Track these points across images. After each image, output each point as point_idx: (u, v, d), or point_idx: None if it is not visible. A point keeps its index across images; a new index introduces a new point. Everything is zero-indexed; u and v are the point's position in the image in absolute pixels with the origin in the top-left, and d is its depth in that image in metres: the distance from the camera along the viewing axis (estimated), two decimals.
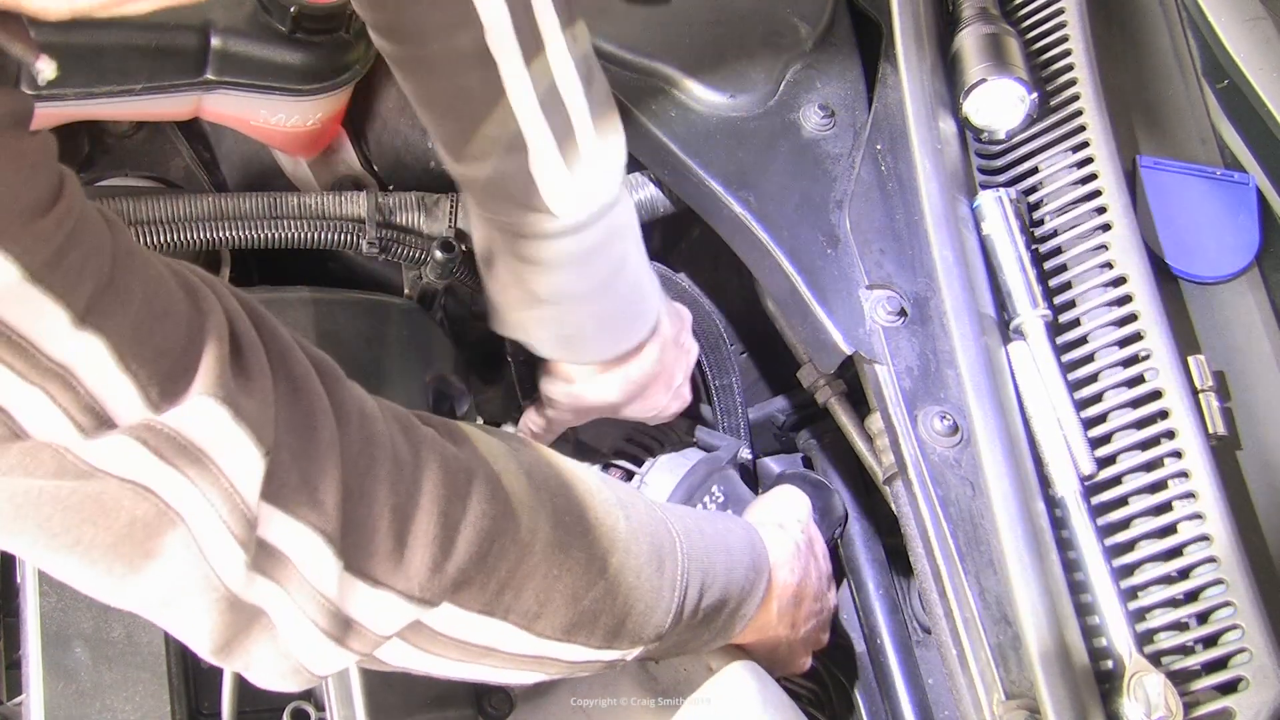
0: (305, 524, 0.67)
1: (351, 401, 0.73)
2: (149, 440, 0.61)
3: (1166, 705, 0.83)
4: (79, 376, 0.59)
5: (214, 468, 0.63)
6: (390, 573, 0.71)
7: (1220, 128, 1.22)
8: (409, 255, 1.13)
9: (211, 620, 0.67)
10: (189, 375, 0.63)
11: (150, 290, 0.62)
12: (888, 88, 1.14)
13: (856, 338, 1.00)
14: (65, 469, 0.59)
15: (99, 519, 0.61)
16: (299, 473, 0.67)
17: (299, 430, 0.68)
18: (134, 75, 1.13)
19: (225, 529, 0.64)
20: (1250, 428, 1.04)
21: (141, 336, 0.61)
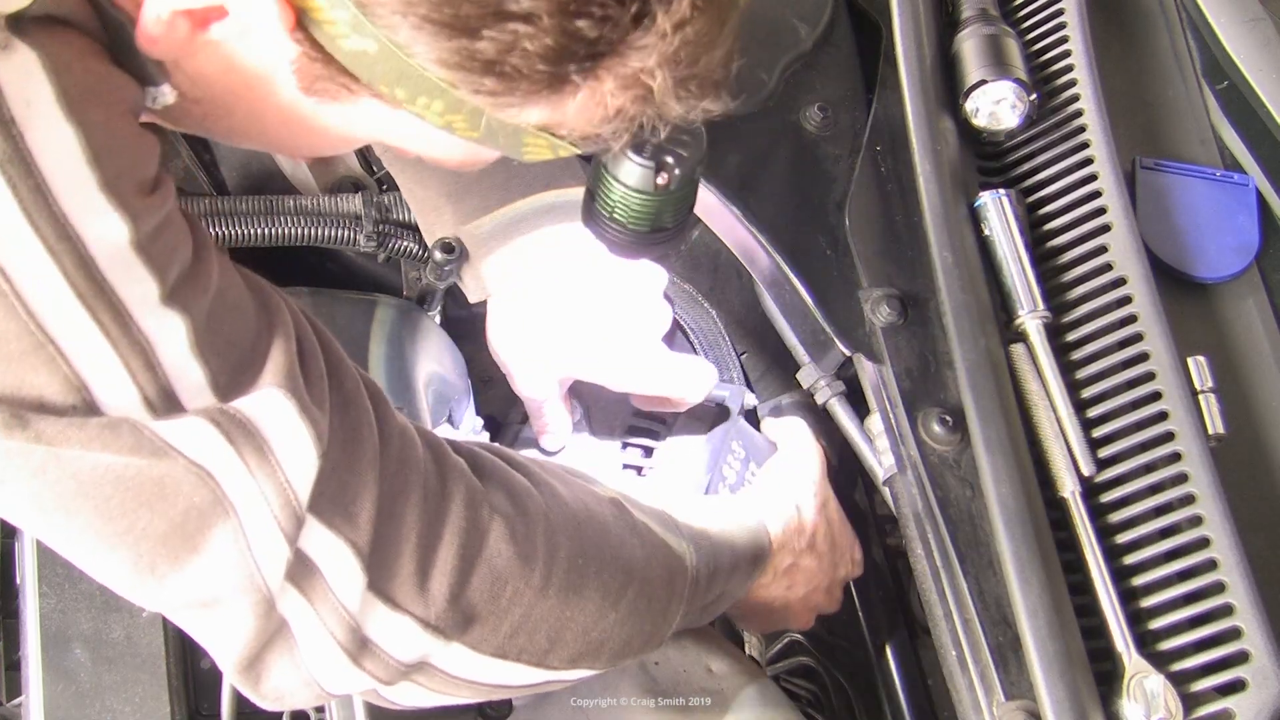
0: (339, 536, 0.68)
1: (394, 423, 0.74)
2: (220, 422, 0.62)
3: (1166, 706, 0.83)
4: (158, 353, 0.60)
5: (273, 459, 0.64)
6: (410, 598, 0.71)
7: (1220, 128, 1.22)
8: (407, 251, 1.13)
9: (247, 626, 0.67)
10: (256, 369, 0.65)
11: (223, 284, 0.65)
12: (887, 89, 1.14)
13: (856, 339, 1.00)
14: (141, 444, 0.60)
15: (156, 504, 0.62)
16: (339, 484, 0.68)
17: (344, 443, 0.69)
18: None
19: (275, 523, 0.65)
20: (1250, 428, 1.04)
21: (214, 325, 0.63)
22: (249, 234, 1.10)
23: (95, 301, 0.58)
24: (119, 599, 0.93)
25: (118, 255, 0.59)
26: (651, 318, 1.07)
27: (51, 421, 0.59)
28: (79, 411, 0.59)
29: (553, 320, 1.05)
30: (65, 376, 0.58)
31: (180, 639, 0.95)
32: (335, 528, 0.68)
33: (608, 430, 1.15)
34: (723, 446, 1.14)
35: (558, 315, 1.05)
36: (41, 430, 0.58)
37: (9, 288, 0.56)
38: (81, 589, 0.93)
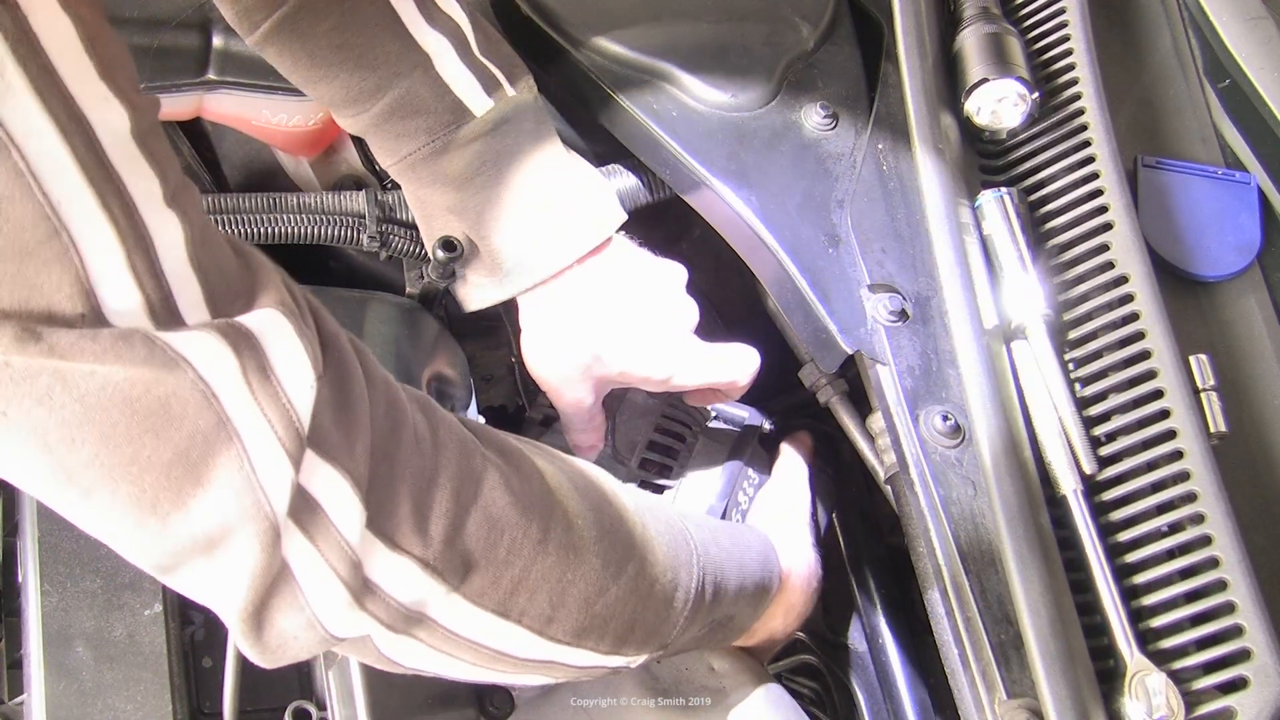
0: (338, 468, 0.67)
1: (378, 371, 0.73)
2: (227, 333, 0.61)
3: (1168, 704, 0.83)
4: (160, 256, 0.59)
5: (275, 377, 0.63)
6: (409, 537, 0.70)
7: (1221, 127, 1.22)
8: (410, 250, 1.13)
9: (254, 562, 0.65)
10: (249, 293, 0.64)
11: (203, 222, 0.63)
12: (889, 87, 1.14)
13: (858, 337, 1.00)
14: (154, 355, 0.59)
15: (162, 429, 0.60)
16: (333, 417, 0.67)
17: (332, 381, 0.68)
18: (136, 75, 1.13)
19: (279, 445, 0.63)
20: (1252, 427, 1.04)
21: (208, 244, 0.62)
22: (251, 231, 1.10)
23: (105, 188, 0.57)
24: (121, 597, 0.93)
25: (123, 144, 0.58)
26: (682, 312, 1.07)
27: (64, 333, 0.57)
28: (87, 322, 0.57)
29: (586, 325, 1.04)
30: (76, 275, 0.56)
31: (182, 638, 0.95)
32: (334, 459, 0.66)
33: (629, 449, 1.15)
34: (739, 474, 1.14)
35: (590, 320, 1.04)
36: (55, 343, 0.57)
37: (25, 168, 0.54)
38: (83, 587, 0.93)
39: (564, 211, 1.03)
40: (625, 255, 1.06)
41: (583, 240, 1.03)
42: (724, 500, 1.12)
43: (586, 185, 1.06)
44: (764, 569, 0.99)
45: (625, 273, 1.05)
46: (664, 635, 0.87)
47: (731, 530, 0.99)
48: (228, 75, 1.13)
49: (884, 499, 1.13)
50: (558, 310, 1.05)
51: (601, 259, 1.05)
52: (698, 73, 1.11)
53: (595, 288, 1.04)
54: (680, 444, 1.15)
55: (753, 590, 0.97)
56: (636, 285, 1.06)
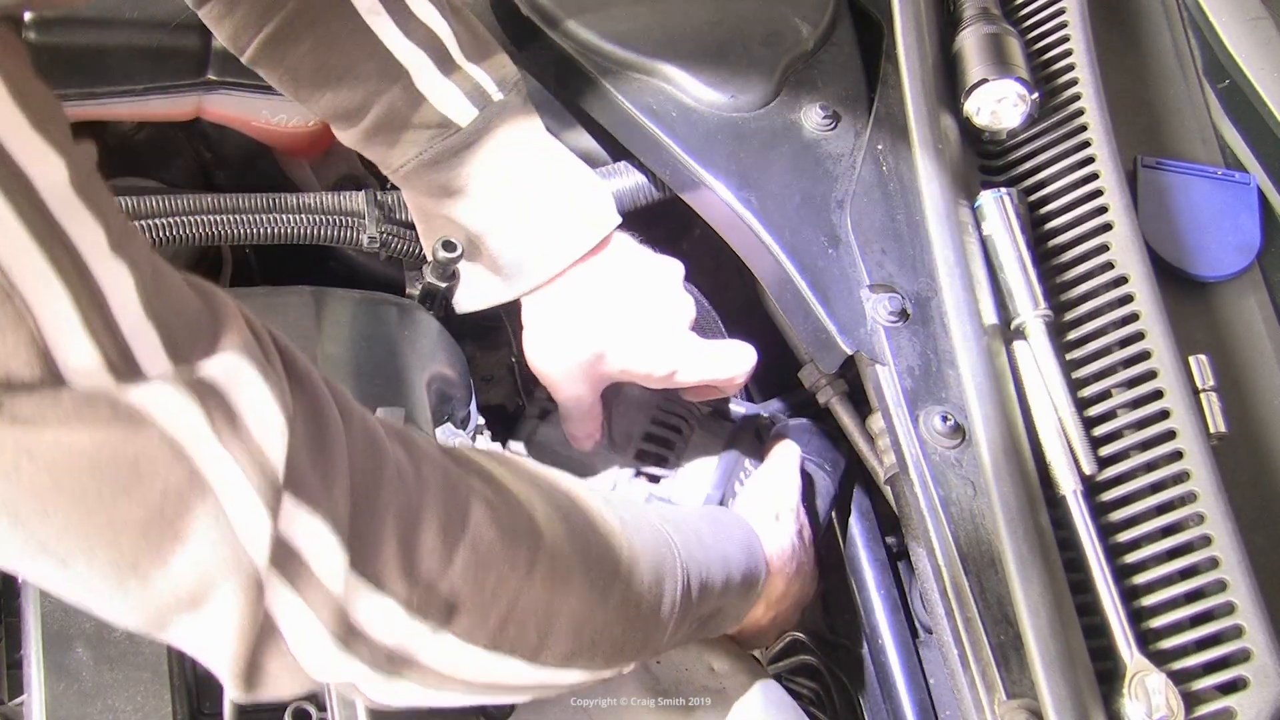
0: (317, 512, 0.65)
1: (354, 407, 0.72)
2: (191, 385, 0.60)
3: (1168, 705, 0.83)
4: (113, 307, 0.57)
5: (244, 426, 0.62)
6: (394, 578, 0.69)
7: (1221, 127, 1.23)
8: (410, 250, 1.13)
9: (239, 616, 0.64)
10: (210, 338, 0.62)
11: (155, 260, 0.62)
12: (889, 87, 1.14)
13: (858, 338, 1.00)
14: (118, 415, 0.57)
15: (134, 488, 0.59)
16: (309, 458, 0.65)
17: (306, 417, 0.66)
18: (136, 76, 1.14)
19: (254, 494, 0.62)
20: (1252, 427, 1.04)
21: (160, 288, 0.60)
22: (251, 232, 1.10)
23: (52, 244, 0.55)
24: None
25: (64, 196, 0.56)
26: (680, 308, 1.07)
27: (24, 401, 0.55)
28: (45, 385, 0.55)
29: (588, 323, 1.04)
30: (31, 337, 0.54)
31: None
32: (313, 503, 0.65)
33: (625, 440, 1.15)
34: (736, 465, 1.14)
35: (591, 318, 1.04)
36: (16, 412, 0.55)
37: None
38: None
39: (561, 213, 1.04)
40: (624, 252, 1.06)
41: (581, 241, 1.04)
42: (720, 489, 1.12)
43: (582, 185, 1.06)
44: (749, 559, 0.98)
45: (625, 270, 1.06)
46: (654, 644, 0.88)
47: (714, 523, 0.99)
48: (228, 75, 1.13)
49: (884, 499, 1.13)
50: (560, 309, 1.05)
51: (602, 257, 1.05)
52: (698, 73, 1.11)
53: (596, 286, 1.05)
54: (676, 435, 1.15)
55: (740, 582, 0.97)
56: (636, 283, 1.06)
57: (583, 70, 1.13)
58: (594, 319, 1.05)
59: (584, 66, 1.13)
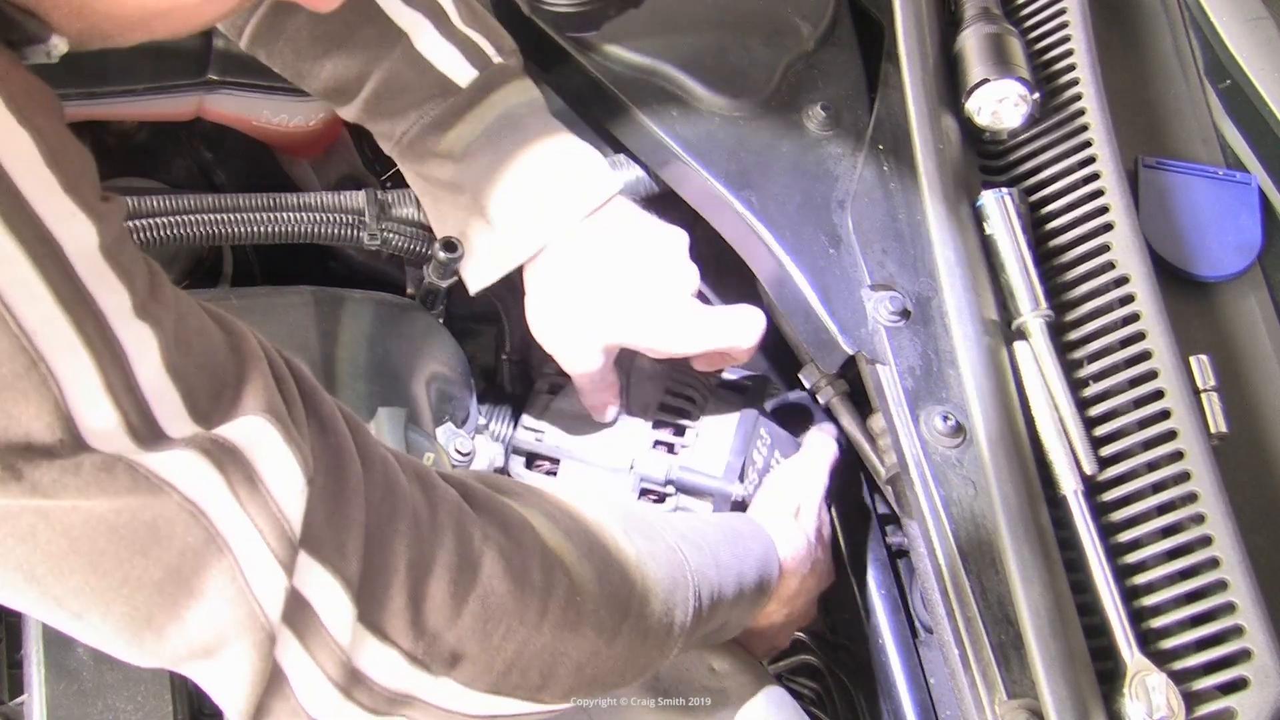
0: (328, 568, 0.66)
1: (375, 450, 0.72)
2: (210, 451, 0.60)
3: (1168, 705, 0.83)
4: (135, 370, 0.58)
5: (264, 488, 0.62)
6: (400, 631, 0.70)
7: (1222, 127, 1.23)
8: (409, 248, 1.13)
9: (251, 669, 0.65)
10: (233, 394, 0.63)
11: (182, 310, 0.63)
12: (890, 87, 1.14)
13: (859, 338, 1.00)
14: (138, 484, 0.58)
15: (150, 549, 0.60)
16: (325, 513, 0.66)
17: (327, 470, 0.67)
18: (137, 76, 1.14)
19: (271, 555, 0.63)
20: (1252, 427, 1.04)
21: (183, 346, 0.61)
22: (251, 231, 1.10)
23: (78, 310, 0.56)
24: None
25: (91, 260, 0.57)
26: (686, 277, 1.06)
27: (44, 469, 0.56)
28: (66, 449, 0.56)
29: (593, 294, 1.03)
30: (55, 403, 0.55)
31: None
32: (325, 559, 0.65)
33: (641, 410, 1.14)
34: (753, 431, 1.13)
35: (596, 288, 1.03)
36: (36, 481, 0.55)
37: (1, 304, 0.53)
38: None
39: (563, 174, 1.03)
40: (627, 218, 1.05)
41: (582, 201, 1.03)
42: (740, 456, 1.10)
43: (580, 149, 1.05)
44: (763, 572, 0.98)
45: (628, 237, 1.05)
46: (657, 665, 0.87)
47: (733, 537, 0.98)
48: (228, 75, 1.13)
49: (884, 499, 1.13)
50: (563, 278, 1.04)
51: (604, 222, 1.04)
52: (698, 74, 1.11)
53: (600, 254, 1.03)
54: (691, 405, 1.14)
55: (750, 593, 0.96)
56: (640, 250, 1.05)
57: (583, 70, 1.13)
58: (599, 288, 1.03)
59: (584, 66, 1.13)
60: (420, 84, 0.99)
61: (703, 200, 1.09)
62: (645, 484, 1.09)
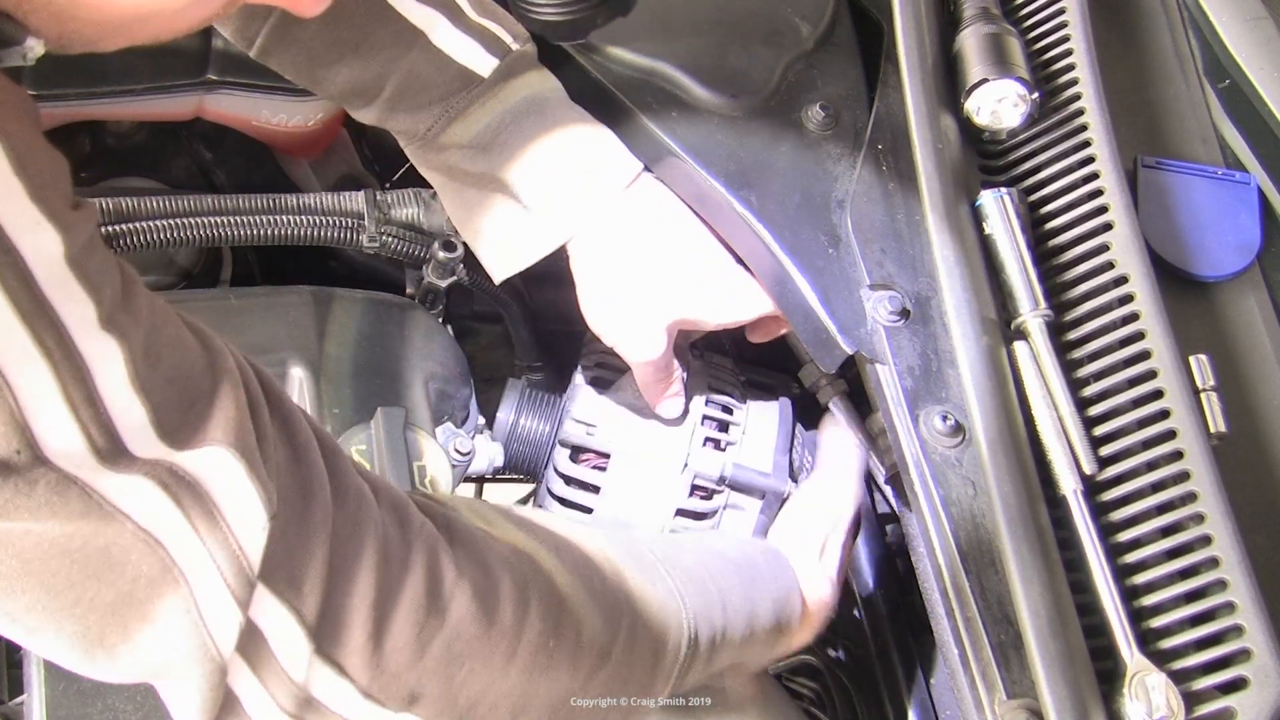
0: (285, 604, 0.65)
1: (349, 480, 0.70)
2: (168, 483, 0.59)
3: (1168, 705, 0.83)
4: (98, 384, 0.57)
5: (224, 523, 0.61)
6: (358, 668, 0.69)
7: (1221, 127, 1.23)
8: (408, 252, 1.13)
9: (201, 696, 0.65)
10: (202, 412, 0.61)
11: (155, 319, 0.61)
12: (889, 87, 1.14)
13: (858, 337, 1.00)
14: (90, 509, 0.57)
15: (104, 574, 0.59)
16: (287, 548, 0.65)
17: (294, 501, 0.66)
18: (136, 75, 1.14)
19: (227, 590, 0.62)
20: (1252, 427, 1.04)
21: (152, 359, 0.60)
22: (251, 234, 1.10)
23: (37, 321, 0.55)
24: None
25: (55, 270, 0.55)
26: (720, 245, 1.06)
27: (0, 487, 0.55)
28: (23, 463, 0.55)
29: (643, 267, 1.02)
30: (11, 414, 0.54)
31: None
32: (281, 595, 0.65)
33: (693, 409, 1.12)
34: (792, 428, 1.12)
35: (652, 266, 1.02)
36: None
37: None
38: None
39: (595, 154, 1.03)
40: (659, 192, 1.05)
41: (619, 176, 1.02)
42: (785, 454, 1.10)
43: (602, 131, 1.05)
44: (780, 614, 0.96)
45: (667, 211, 1.04)
46: (644, 705, 0.86)
47: (753, 578, 0.95)
48: (228, 75, 1.13)
49: (884, 498, 1.13)
50: (615, 259, 1.02)
51: (639, 197, 1.04)
52: (697, 73, 1.11)
53: (645, 229, 1.03)
54: (735, 402, 1.13)
55: (764, 637, 0.94)
56: (682, 223, 1.04)
57: (583, 69, 1.13)
58: (653, 265, 1.02)
59: (584, 66, 1.13)
60: (442, 79, 0.99)
61: (702, 200, 1.09)
62: (699, 480, 1.08)
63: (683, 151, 1.08)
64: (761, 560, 0.99)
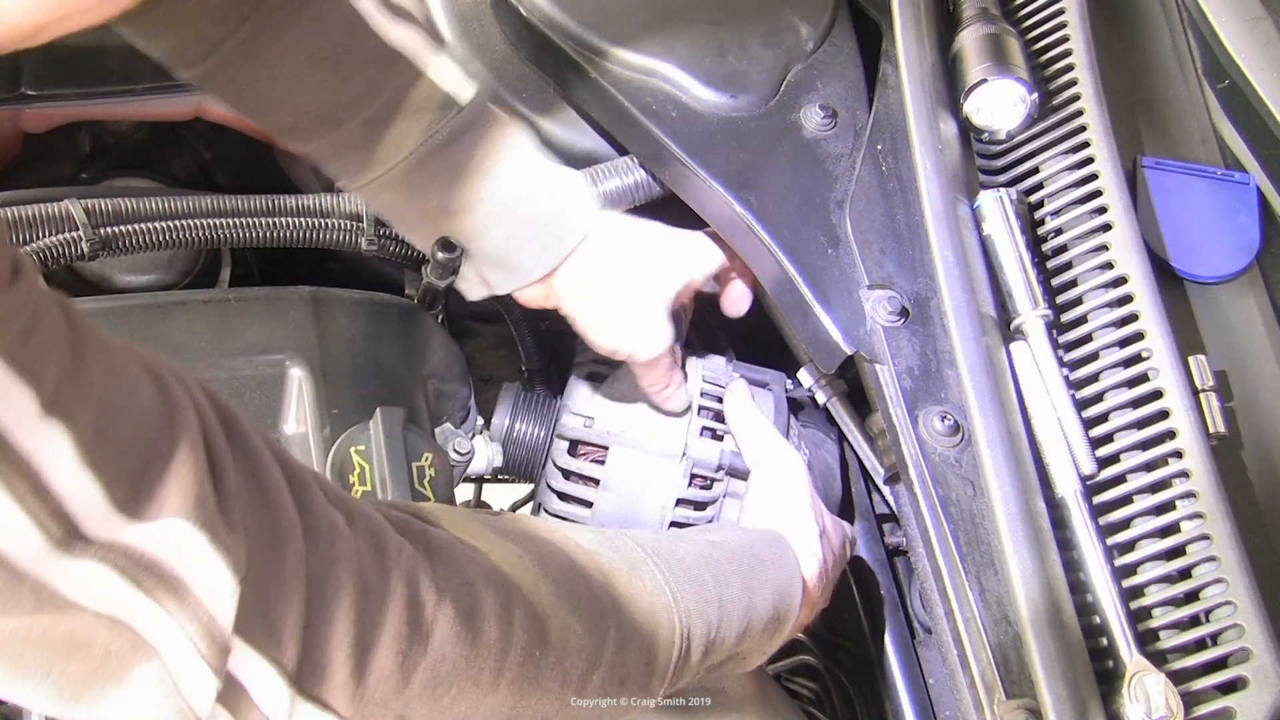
0: (263, 654, 0.64)
1: (323, 516, 0.69)
2: (126, 568, 0.58)
3: (1167, 705, 0.83)
4: (44, 473, 0.54)
5: (191, 597, 0.60)
6: (342, 702, 0.68)
7: (1221, 127, 1.23)
8: (407, 253, 1.13)
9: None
10: (158, 478, 0.59)
11: (111, 380, 0.58)
12: (888, 88, 1.14)
13: (857, 338, 1.00)
14: (43, 604, 0.56)
15: (72, 653, 0.58)
16: (259, 597, 0.64)
17: (264, 549, 0.64)
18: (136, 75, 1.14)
19: (200, 659, 0.61)
20: (1251, 427, 1.04)
21: (104, 432, 0.57)
22: (250, 235, 1.10)
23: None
24: None
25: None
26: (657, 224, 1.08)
27: None
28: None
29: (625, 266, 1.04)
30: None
31: None
32: (259, 646, 0.63)
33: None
34: (787, 419, 1.13)
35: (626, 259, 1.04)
36: None
37: None
38: None
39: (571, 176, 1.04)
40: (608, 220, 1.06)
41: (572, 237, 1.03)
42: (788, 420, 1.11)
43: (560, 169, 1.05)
44: (781, 603, 0.95)
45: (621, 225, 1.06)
46: (642, 706, 0.85)
47: (753, 567, 0.94)
48: None
49: (883, 499, 1.13)
50: (595, 285, 1.04)
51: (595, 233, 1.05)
52: (697, 73, 1.11)
53: (611, 250, 1.04)
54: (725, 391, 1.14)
55: (764, 627, 0.93)
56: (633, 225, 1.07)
57: (583, 70, 1.13)
58: (633, 268, 1.04)
59: (584, 66, 1.13)
60: (427, 105, 0.96)
61: (701, 200, 1.09)
62: (698, 469, 1.09)
63: (681, 152, 1.08)
64: (762, 547, 0.98)
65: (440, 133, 0.97)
